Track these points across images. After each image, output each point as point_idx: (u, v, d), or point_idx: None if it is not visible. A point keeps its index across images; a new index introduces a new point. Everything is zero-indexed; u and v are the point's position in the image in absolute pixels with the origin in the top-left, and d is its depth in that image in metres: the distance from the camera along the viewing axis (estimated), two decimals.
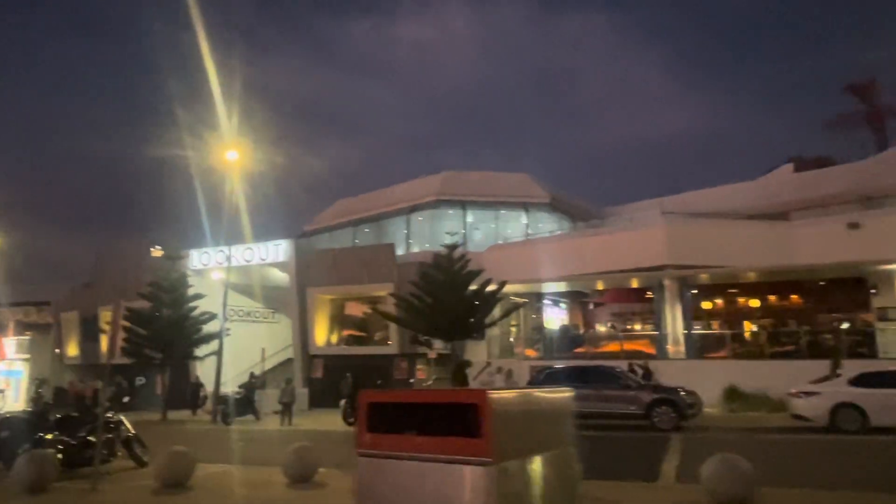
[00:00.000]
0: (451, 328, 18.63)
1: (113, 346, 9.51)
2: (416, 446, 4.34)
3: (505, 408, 4.50)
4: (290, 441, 16.47)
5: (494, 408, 4.23)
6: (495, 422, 4.14)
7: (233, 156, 23.36)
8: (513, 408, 4.75)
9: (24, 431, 11.17)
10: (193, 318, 24.95)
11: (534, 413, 5.25)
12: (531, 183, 34.31)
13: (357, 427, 5.00)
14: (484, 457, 4.13)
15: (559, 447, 5.37)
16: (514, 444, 4.46)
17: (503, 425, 4.27)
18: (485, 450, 4.07)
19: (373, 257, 28.57)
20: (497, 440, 4.11)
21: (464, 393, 5.34)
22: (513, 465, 4.36)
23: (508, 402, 4.74)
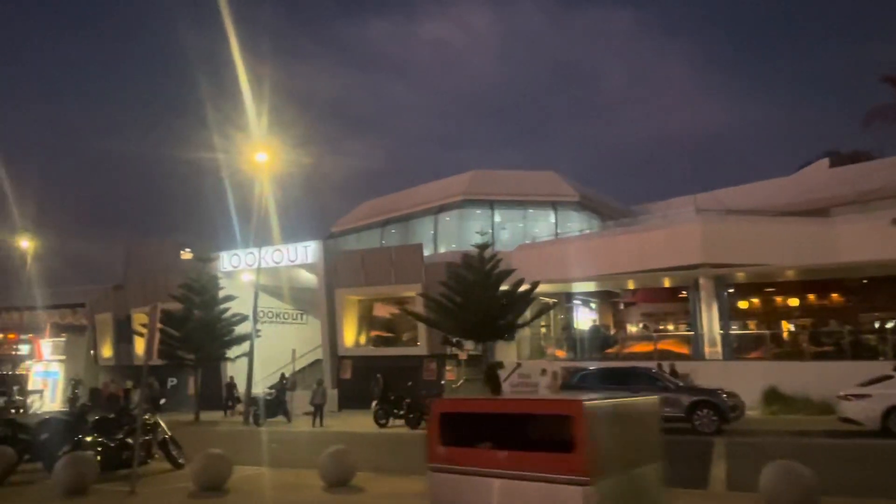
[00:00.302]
0: (481, 329, 18.37)
1: (151, 347, 9.48)
2: (500, 462, 3.87)
3: (602, 418, 4.02)
4: (323, 443, 16.42)
5: (591, 418, 3.79)
6: (592, 434, 3.71)
7: (262, 157, 23.44)
8: (610, 418, 4.28)
9: (63, 433, 11.26)
10: (225, 319, 25.14)
11: (630, 423, 4.77)
12: (559, 181, 33.84)
13: (428, 438, 4.54)
14: (580, 475, 3.70)
15: (653, 461, 4.89)
16: (612, 459, 4.02)
17: (601, 438, 3.82)
18: (581, 467, 3.63)
19: (401, 258, 28.44)
20: (595, 456, 3.68)
21: (556, 402, 4.63)
22: (611, 484, 3.91)
23: (605, 411, 4.26)
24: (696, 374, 21.49)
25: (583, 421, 3.74)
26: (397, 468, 11.03)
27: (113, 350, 39.42)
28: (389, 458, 12.82)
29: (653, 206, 36.99)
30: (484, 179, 33.94)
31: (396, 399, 19.83)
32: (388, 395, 20.03)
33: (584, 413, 3.83)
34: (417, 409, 18.67)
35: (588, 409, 3.89)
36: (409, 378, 27.84)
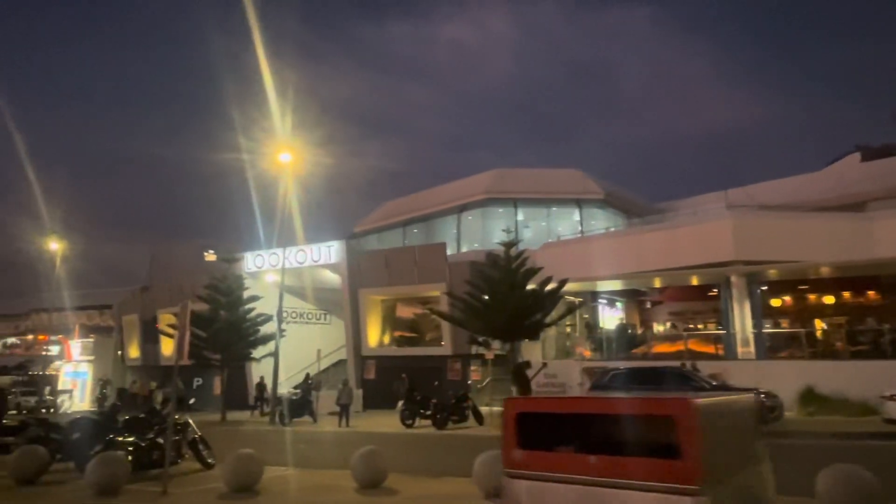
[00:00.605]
0: (508, 328, 18.07)
1: (181, 346, 9.40)
2: (589, 468, 3.41)
3: (712, 419, 3.53)
4: (350, 443, 16.29)
5: (701, 420, 3.29)
6: (703, 438, 3.22)
7: (286, 157, 23.44)
8: (719, 419, 3.79)
9: (95, 433, 11.24)
10: (250, 319, 25.18)
11: (737, 424, 4.30)
12: (584, 178, 33.37)
13: (502, 441, 4.16)
14: (689, 484, 3.25)
15: (760, 463, 4.46)
16: (723, 465, 3.55)
17: (711, 442, 3.33)
18: (690, 474, 3.16)
19: (424, 257, 28.25)
20: (706, 462, 3.19)
21: (658, 401, 4.04)
22: (723, 494, 3.42)
23: (714, 411, 3.76)
24: (727, 373, 20.94)
25: (692, 422, 3.29)
26: (428, 469, 10.81)
27: (140, 350, 39.90)
28: (418, 459, 12.61)
29: (679, 203, 36.31)
30: (507, 178, 33.61)
31: (422, 399, 19.63)
32: (414, 395, 19.83)
33: (693, 413, 3.37)
34: (444, 410, 18.44)
35: (698, 408, 3.43)
36: (433, 378, 27.67)
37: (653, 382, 16.10)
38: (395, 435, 17.87)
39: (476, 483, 8.20)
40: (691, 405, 3.37)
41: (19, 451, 10.42)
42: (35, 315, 58.84)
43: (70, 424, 12.09)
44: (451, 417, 18.45)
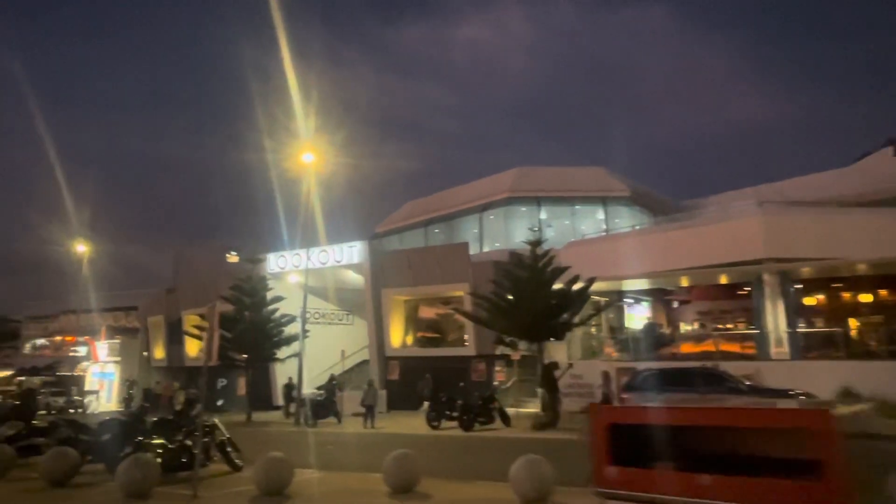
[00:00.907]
0: (535, 328, 17.76)
1: (210, 347, 9.28)
2: (703, 489, 2.89)
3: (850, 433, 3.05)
4: (377, 445, 16.14)
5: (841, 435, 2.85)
6: (844, 455, 2.75)
7: (309, 158, 23.40)
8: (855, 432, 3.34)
9: (124, 434, 11.20)
10: (274, 320, 25.19)
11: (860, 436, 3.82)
12: (608, 176, 32.88)
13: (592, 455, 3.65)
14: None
15: None
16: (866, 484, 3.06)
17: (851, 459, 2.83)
18: (834, 497, 2.70)
19: (447, 257, 28.03)
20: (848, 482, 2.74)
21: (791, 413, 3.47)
22: None
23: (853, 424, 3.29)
24: (760, 374, 20.40)
25: (833, 436, 2.82)
26: (459, 473, 10.58)
27: (165, 351, 40.29)
28: (448, 462, 12.36)
29: (704, 201, 35.60)
30: (529, 176, 33.25)
31: (448, 400, 19.39)
32: (440, 396, 19.61)
33: (834, 425, 2.92)
34: (471, 411, 18.18)
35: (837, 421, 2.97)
36: (456, 379, 27.39)
37: (686, 384, 15.70)
38: (422, 437, 17.66)
39: (514, 489, 7.93)
40: (830, 416, 2.91)
41: (51, 453, 10.41)
42: (63, 317, 59.86)
43: (99, 426, 12.08)
44: (478, 419, 18.19)
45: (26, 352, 62.29)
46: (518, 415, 20.42)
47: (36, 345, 62.64)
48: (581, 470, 10.29)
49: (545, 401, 22.62)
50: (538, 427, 17.77)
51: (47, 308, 63.38)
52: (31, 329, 64.95)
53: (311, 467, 11.33)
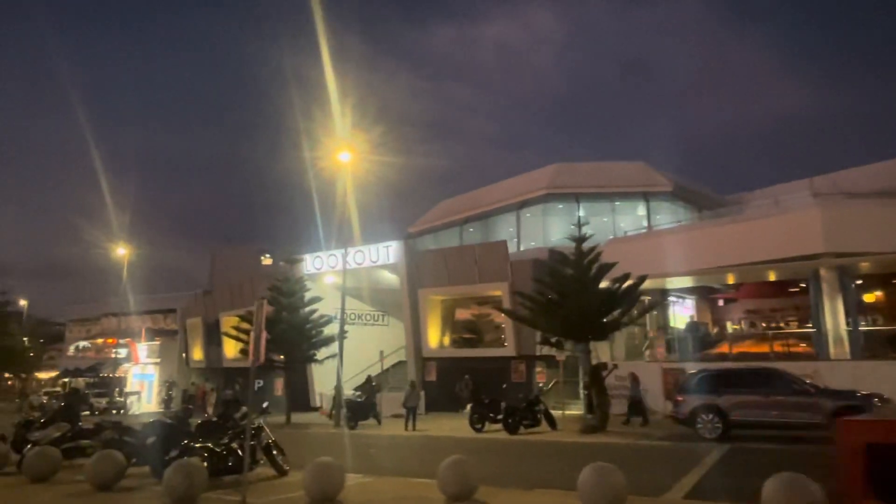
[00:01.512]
0: (582, 327, 17.06)
1: (259, 346, 8.93)
2: None
3: None
4: (422, 448, 15.68)
5: None
6: None
7: (345, 156, 23.12)
8: None
9: (169, 437, 10.94)
10: (313, 321, 24.99)
11: None
12: (650, 171, 31.86)
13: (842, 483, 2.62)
14: None
15: None
16: None
17: None
18: None
19: (485, 256, 27.45)
20: None
21: None
22: None
23: None
24: (819, 375, 19.28)
25: None
26: (512, 479, 10.02)
27: (203, 353, 40.65)
28: (498, 467, 11.80)
29: (749, 195, 34.31)
30: (567, 172, 32.44)
31: (491, 402, 18.83)
32: (482, 398, 19.06)
33: None
34: (516, 414, 17.58)
35: None
36: (495, 380, 26.79)
37: (747, 385, 14.83)
38: (466, 440, 17.13)
39: (582, 499, 7.34)
40: None
41: (97, 457, 10.20)
42: (105, 319, 61.14)
43: (144, 428, 11.87)
44: (523, 422, 17.57)
45: (70, 354, 63.84)
46: (561, 417, 19.77)
47: (79, 347, 64.15)
48: (649, 478, 9.69)
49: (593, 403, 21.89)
50: (587, 430, 17.07)
51: (89, 311, 64.87)
52: (75, 332, 66.57)
53: (358, 472, 10.89)
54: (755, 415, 14.42)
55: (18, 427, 14.15)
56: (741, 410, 14.59)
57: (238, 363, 37.46)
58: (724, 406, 14.75)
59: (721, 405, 14.79)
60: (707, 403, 14.95)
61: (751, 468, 11.22)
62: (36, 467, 10.84)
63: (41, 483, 10.59)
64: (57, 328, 71.74)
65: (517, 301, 22.42)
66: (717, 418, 14.73)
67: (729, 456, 12.27)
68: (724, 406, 14.74)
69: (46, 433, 12.77)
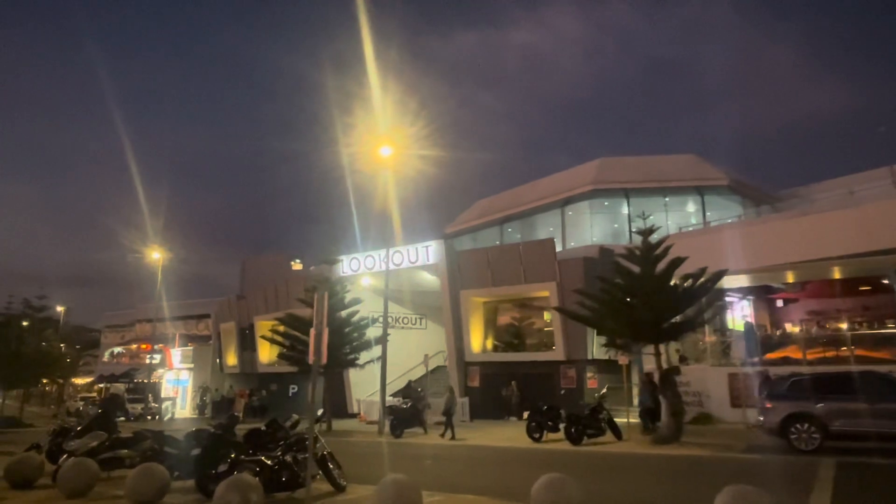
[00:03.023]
0: (654, 328, 15.60)
1: (320, 346, 7.81)
2: None
3: None
4: (484, 460, 14.24)
5: None
6: None
7: (386, 151, 22.09)
8: None
9: (216, 448, 9.87)
10: (353, 323, 23.89)
11: None
12: (703, 164, 30.16)
13: None
14: None
15: None
16: None
17: None
18: None
19: (531, 254, 26.08)
20: None
21: None
22: None
23: None
24: None
25: None
26: (604, 499, 8.68)
27: (237, 358, 40.01)
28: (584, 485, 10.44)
29: (805, 189, 32.31)
30: (614, 166, 30.91)
31: (549, 410, 17.47)
32: (540, 405, 17.73)
33: None
34: (579, 422, 16.19)
35: None
36: (543, 386, 25.42)
37: (849, 391, 13.17)
38: (526, 451, 15.79)
39: None
40: None
41: (138, 471, 9.16)
42: (139, 325, 61.29)
43: (188, 438, 10.83)
44: (587, 431, 16.15)
45: (105, 360, 64.14)
46: (630, 425, 18.30)
47: (114, 353, 64.43)
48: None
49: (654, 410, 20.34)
50: (659, 441, 15.58)
51: (124, 318, 65.20)
52: (110, 338, 66.95)
53: (428, 489, 9.66)
54: (859, 425, 12.79)
55: (54, 435, 13.32)
56: (843, 420, 12.96)
57: (273, 368, 36.70)
58: (821, 415, 13.15)
59: (818, 414, 13.19)
60: (802, 411, 13.36)
61: (880, 487, 9.71)
62: (72, 481, 9.86)
63: (78, 498, 9.60)
64: (92, 334, 72.30)
65: (575, 301, 21.04)
66: (815, 428, 13.14)
67: (843, 473, 10.71)
68: (822, 415, 13.14)
69: (83, 442, 11.83)
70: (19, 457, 11.41)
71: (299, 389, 36.85)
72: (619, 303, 15.85)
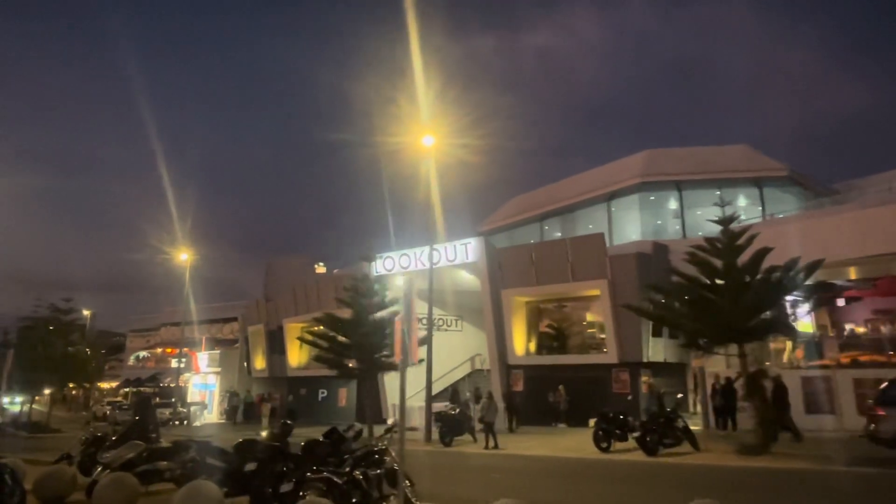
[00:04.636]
0: (743, 326, 14.01)
1: (408, 344, 6.50)
2: None
3: None
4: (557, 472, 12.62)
5: None
6: None
7: (429, 141, 20.83)
8: None
9: (272, 462, 8.58)
10: None
11: None
12: (758, 154, 28.41)
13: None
14: None
15: None
16: None
17: None
18: None
19: (579, 251, 24.55)
20: None
21: None
22: None
23: None
24: None
25: None
26: None
27: (266, 361, 38.95)
28: None
29: (861, 182, 30.40)
30: (663, 158, 29.26)
31: (617, 417, 15.98)
32: (607, 411, 16.25)
33: None
34: (655, 431, 14.66)
35: None
36: (592, 390, 23.83)
37: None
38: (597, 462, 14.31)
39: None
40: None
41: (187, 490, 7.87)
42: (164, 329, 60.81)
43: (238, 450, 9.53)
44: (663, 440, 14.62)
45: (130, 364, 63.78)
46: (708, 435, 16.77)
47: (139, 357, 64.03)
48: None
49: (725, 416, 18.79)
50: (746, 451, 13.98)
51: (148, 321, 64.84)
52: (135, 342, 66.65)
53: None
54: None
55: (86, 445, 12.18)
56: None
57: (303, 372, 35.55)
58: None
59: None
60: None
61: None
62: (110, 498, 8.64)
63: None
64: (117, 339, 72.16)
65: (635, 299, 19.53)
66: None
67: None
68: None
69: (118, 454, 10.64)
70: (50, 470, 10.25)
71: (328, 394, 35.68)
72: (703, 299, 14.29)
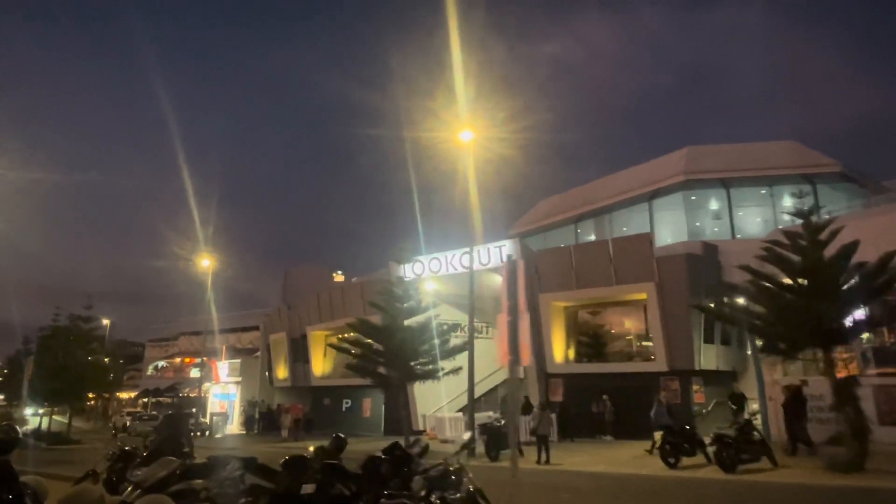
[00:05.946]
0: (833, 327, 12.63)
1: (516, 346, 5.30)
2: None
3: None
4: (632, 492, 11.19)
5: None
6: None
7: (467, 135, 19.69)
8: None
9: (333, 483, 7.37)
10: (433, 329, 21.29)
11: None
12: (808, 150, 26.98)
13: None
14: None
15: None
16: None
17: None
18: None
19: (623, 252, 23.23)
20: None
21: None
22: None
23: None
24: None
25: None
26: None
27: (288, 370, 37.86)
28: None
29: None
30: (707, 155, 27.92)
31: (683, 430, 14.63)
32: (673, 423, 14.91)
33: None
34: (731, 446, 13.29)
35: None
36: (638, 400, 22.39)
37: None
38: (669, 480, 12.96)
39: None
40: None
41: None
42: (182, 339, 60.11)
43: (288, 468, 8.29)
44: (741, 456, 13.23)
45: (149, 374, 63.12)
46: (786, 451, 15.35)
47: (158, 367, 63.35)
48: None
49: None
50: (838, 468, 12.54)
51: (167, 331, 64.22)
52: (153, 352, 66.02)
53: None
54: None
55: (114, 460, 11.07)
56: None
57: (327, 381, 34.43)
58: None
59: None
60: None
61: None
62: None
63: None
64: (135, 349, 71.68)
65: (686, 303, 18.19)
66: None
67: None
68: None
69: (151, 472, 9.44)
70: (75, 490, 8.95)
71: (353, 404, 34.48)
72: (785, 299, 12.92)
